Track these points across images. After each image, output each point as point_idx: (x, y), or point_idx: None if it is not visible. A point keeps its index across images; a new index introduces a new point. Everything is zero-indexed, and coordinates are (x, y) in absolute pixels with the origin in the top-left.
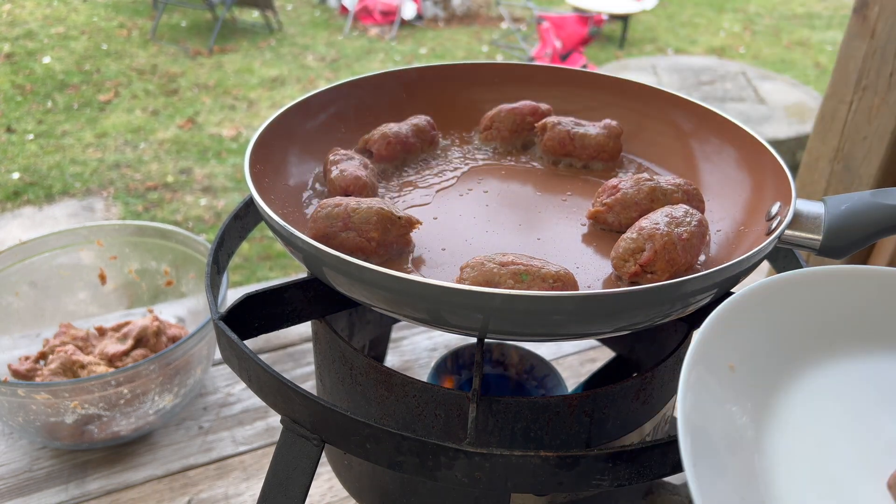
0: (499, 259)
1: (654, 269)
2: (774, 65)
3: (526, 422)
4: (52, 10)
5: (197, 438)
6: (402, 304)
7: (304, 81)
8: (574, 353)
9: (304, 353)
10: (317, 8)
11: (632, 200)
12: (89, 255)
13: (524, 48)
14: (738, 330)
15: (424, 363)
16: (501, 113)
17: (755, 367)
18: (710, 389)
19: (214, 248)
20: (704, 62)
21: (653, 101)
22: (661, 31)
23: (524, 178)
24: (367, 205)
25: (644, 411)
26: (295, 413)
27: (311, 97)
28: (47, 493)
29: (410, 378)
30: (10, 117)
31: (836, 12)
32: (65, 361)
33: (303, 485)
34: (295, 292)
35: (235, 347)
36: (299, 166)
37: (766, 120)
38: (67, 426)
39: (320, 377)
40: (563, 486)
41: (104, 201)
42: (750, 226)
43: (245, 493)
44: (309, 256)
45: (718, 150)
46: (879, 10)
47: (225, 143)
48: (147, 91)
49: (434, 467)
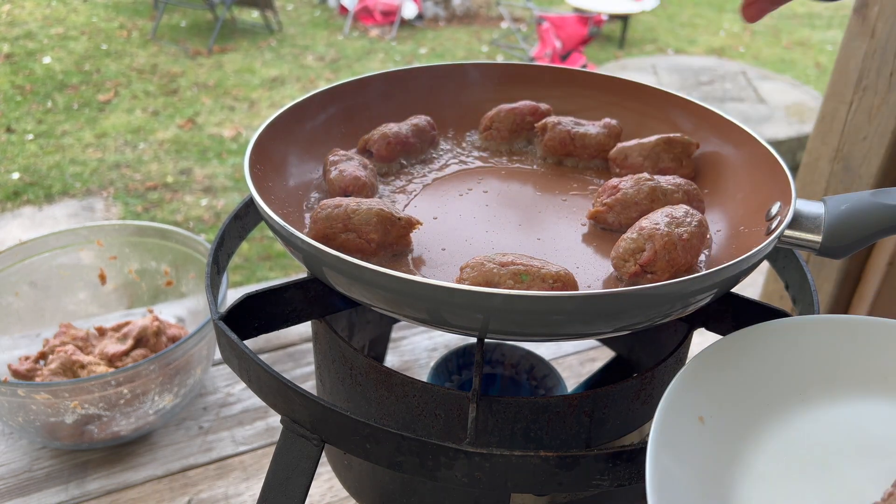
0: (499, 259)
1: (655, 270)
2: (774, 65)
3: (526, 422)
4: (51, 10)
5: (197, 438)
6: (402, 304)
7: (304, 81)
8: (574, 353)
9: (304, 353)
10: (317, 8)
11: (632, 200)
12: (89, 255)
13: (524, 48)
14: (708, 380)
15: (424, 363)
16: (501, 113)
17: (725, 417)
18: (678, 444)
19: (214, 248)
20: (704, 62)
21: (653, 101)
22: (661, 31)
23: (524, 178)
24: (367, 206)
25: (644, 411)
26: (295, 413)
27: (311, 97)
28: (47, 493)
29: (410, 378)
30: (9, 117)
31: (836, 12)
32: (65, 361)
33: (303, 485)
34: (295, 292)
35: (235, 347)
36: (299, 166)
37: (766, 120)
38: (67, 426)
39: (320, 377)
40: (563, 486)
41: (104, 201)
42: (750, 226)
43: (245, 493)
44: (309, 256)
45: (718, 150)
46: (879, 10)
47: (225, 143)
48: (147, 91)
49: (434, 467)
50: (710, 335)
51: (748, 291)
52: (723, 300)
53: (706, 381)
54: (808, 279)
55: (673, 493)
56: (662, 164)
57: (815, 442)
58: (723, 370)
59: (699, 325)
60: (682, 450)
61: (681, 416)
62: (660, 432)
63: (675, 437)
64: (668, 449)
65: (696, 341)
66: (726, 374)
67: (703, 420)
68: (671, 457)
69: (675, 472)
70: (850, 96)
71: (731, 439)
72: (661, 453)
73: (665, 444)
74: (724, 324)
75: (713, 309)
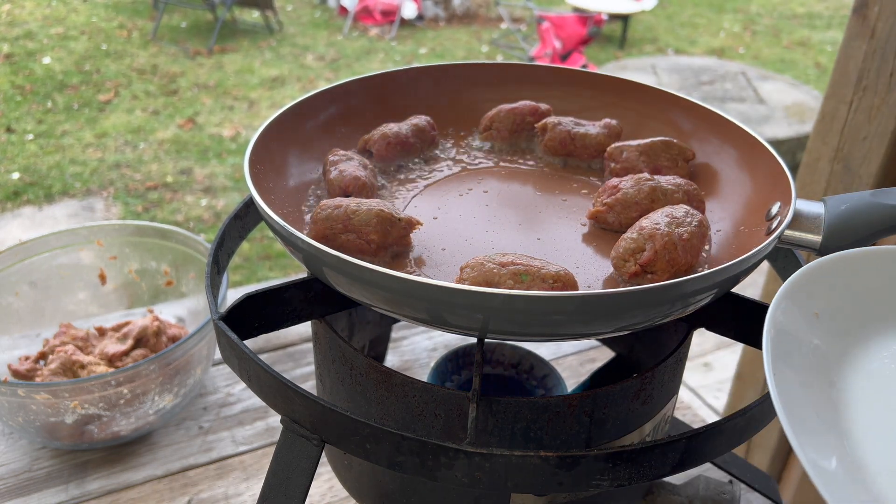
0: (499, 259)
1: (655, 270)
2: (774, 65)
3: (526, 422)
4: (51, 10)
5: (197, 438)
6: (402, 304)
7: (304, 81)
8: (574, 353)
9: (304, 353)
10: (317, 8)
11: (632, 200)
12: (89, 255)
13: (524, 48)
14: (826, 284)
15: (424, 363)
16: (501, 113)
17: (838, 319)
18: (795, 320)
19: (214, 248)
20: (704, 62)
21: (653, 101)
22: (661, 32)
23: (524, 178)
24: (367, 206)
25: (644, 411)
26: (295, 413)
27: (310, 97)
28: (47, 493)
29: (410, 378)
30: (10, 117)
31: (836, 12)
32: (65, 361)
33: (303, 485)
34: (295, 292)
35: (235, 347)
36: (299, 166)
37: (766, 120)
38: (67, 426)
39: (320, 377)
40: (563, 486)
41: (104, 201)
42: (750, 226)
43: (245, 493)
44: (309, 256)
45: (718, 150)
46: (879, 10)
47: (225, 143)
48: (147, 91)
49: (434, 467)
50: (710, 335)
51: (748, 291)
52: (723, 300)
53: (823, 282)
54: None
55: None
56: (659, 162)
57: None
58: (840, 276)
59: (699, 325)
60: (800, 327)
61: (799, 306)
62: (781, 306)
63: (795, 315)
64: (786, 317)
65: (697, 341)
66: (843, 280)
67: (819, 316)
68: (788, 324)
69: (790, 335)
70: (850, 96)
71: (843, 339)
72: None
73: (784, 315)
74: (724, 324)
75: (713, 309)
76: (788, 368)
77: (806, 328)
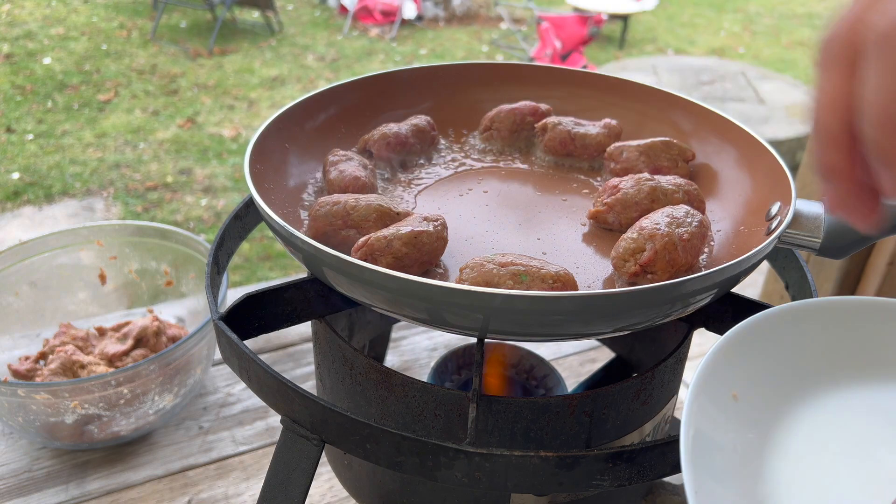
0: (498, 259)
1: (655, 270)
2: (774, 65)
3: (526, 422)
4: (51, 10)
5: (197, 438)
6: (402, 304)
7: (304, 81)
8: (574, 353)
9: (304, 353)
10: (317, 8)
11: (632, 200)
12: (89, 255)
13: (524, 48)
14: (741, 360)
15: (424, 363)
16: (501, 113)
17: (758, 396)
18: (713, 418)
19: (214, 248)
20: (704, 62)
21: (653, 101)
22: (661, 32)
23: (524, 178)
24: (366, 201)
25: (644, 411)
26: (295, 413)
27: (310, 97)
28: (47, 493)
29: (410, 378)
30: (10, 117)
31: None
32: (65, 361)
33: (303, 485)
34: (295, 292)
35: (235, 347)
36: (299, 166)
37: (766, 120)
38: (67, 426)
39: (320, 377)
40: (563, 486)
41: (104, 201)
42: (750, 226)
43: (245, 493)
44: (309, 256)
45: (718, 151)
46: None
47: (225, 143)
48: (147, 91)
49: (434, 467)
50: (710, 335)
51: (748, 291)
52: (723, 300)
53: (739, 359)
54: (808, 279)
55: (706, 465)
56: (659, 162)
57: (847, 423)
58: (754, 349)
59: (699, 325)
60: (718, 423)
61: (715, 391)
62: (695, 405)
63: (710, 411)
64: (702, 421)
65: (697, 341)
66: (758, 353)
67: (737, 398)
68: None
69: (711, 444)
70: None
71: (764, 418)
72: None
73: (699, 416)
74: (724, 324)
75: (713, 309)
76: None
77: (724, 421)
